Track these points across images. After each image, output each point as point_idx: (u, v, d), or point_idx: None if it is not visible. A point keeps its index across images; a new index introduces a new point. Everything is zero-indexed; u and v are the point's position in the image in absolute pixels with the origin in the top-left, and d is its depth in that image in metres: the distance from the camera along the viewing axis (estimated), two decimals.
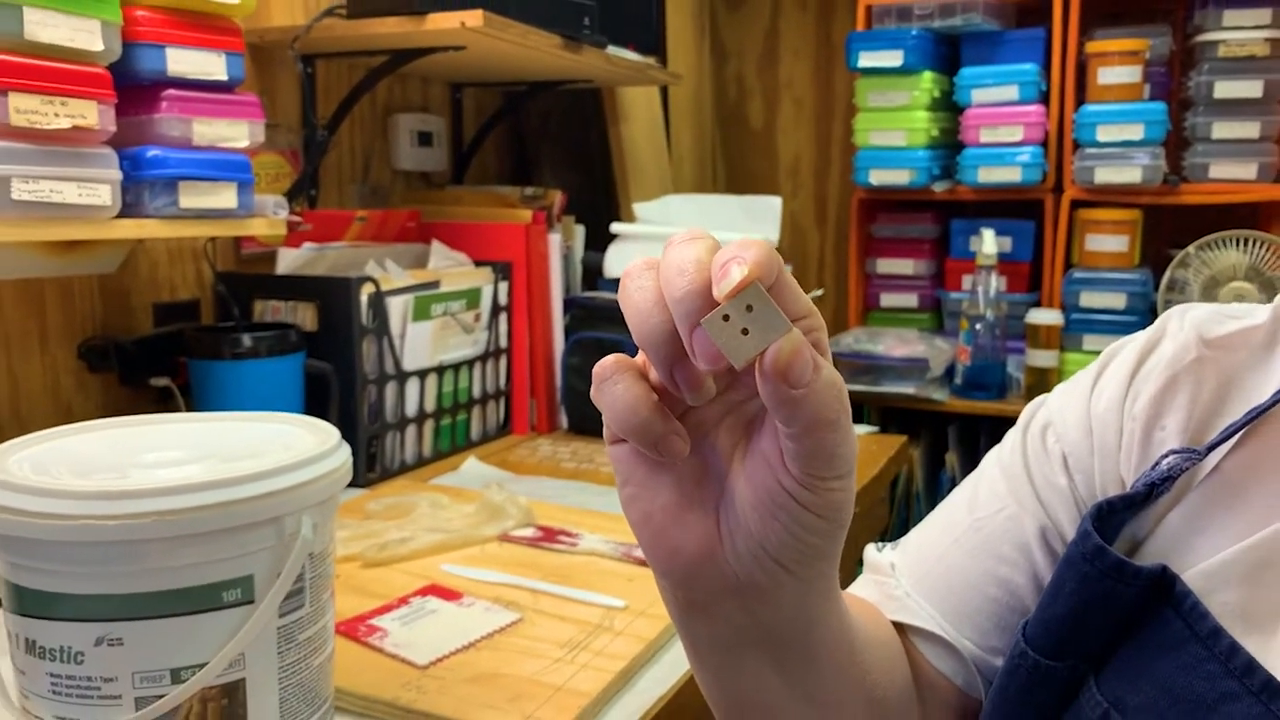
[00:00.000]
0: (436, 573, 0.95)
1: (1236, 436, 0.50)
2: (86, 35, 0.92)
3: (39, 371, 1.15)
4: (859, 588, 0.61)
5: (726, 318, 0.34)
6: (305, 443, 0.66)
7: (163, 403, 1.25)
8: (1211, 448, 0.50)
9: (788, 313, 0.35)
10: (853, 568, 0.62)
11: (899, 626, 0.58)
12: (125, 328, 1.25)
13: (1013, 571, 0.55)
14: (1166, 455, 0.51)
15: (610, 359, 0.38)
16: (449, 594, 0.90)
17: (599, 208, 1.87)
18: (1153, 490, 0.50)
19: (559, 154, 1.98)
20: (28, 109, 0.88)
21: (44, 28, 0.89)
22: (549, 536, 1.04)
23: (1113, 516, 0.49)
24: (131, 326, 1.25)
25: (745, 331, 0.34)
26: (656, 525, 0.41)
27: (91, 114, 0.93)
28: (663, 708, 0.76)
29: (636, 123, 1.90)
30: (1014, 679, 0.49)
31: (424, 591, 0.90)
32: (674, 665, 0.81)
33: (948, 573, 0.57)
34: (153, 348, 1.23)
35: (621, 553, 0.99)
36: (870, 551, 0.63)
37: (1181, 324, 0.55)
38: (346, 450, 0.66)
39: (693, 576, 0.41)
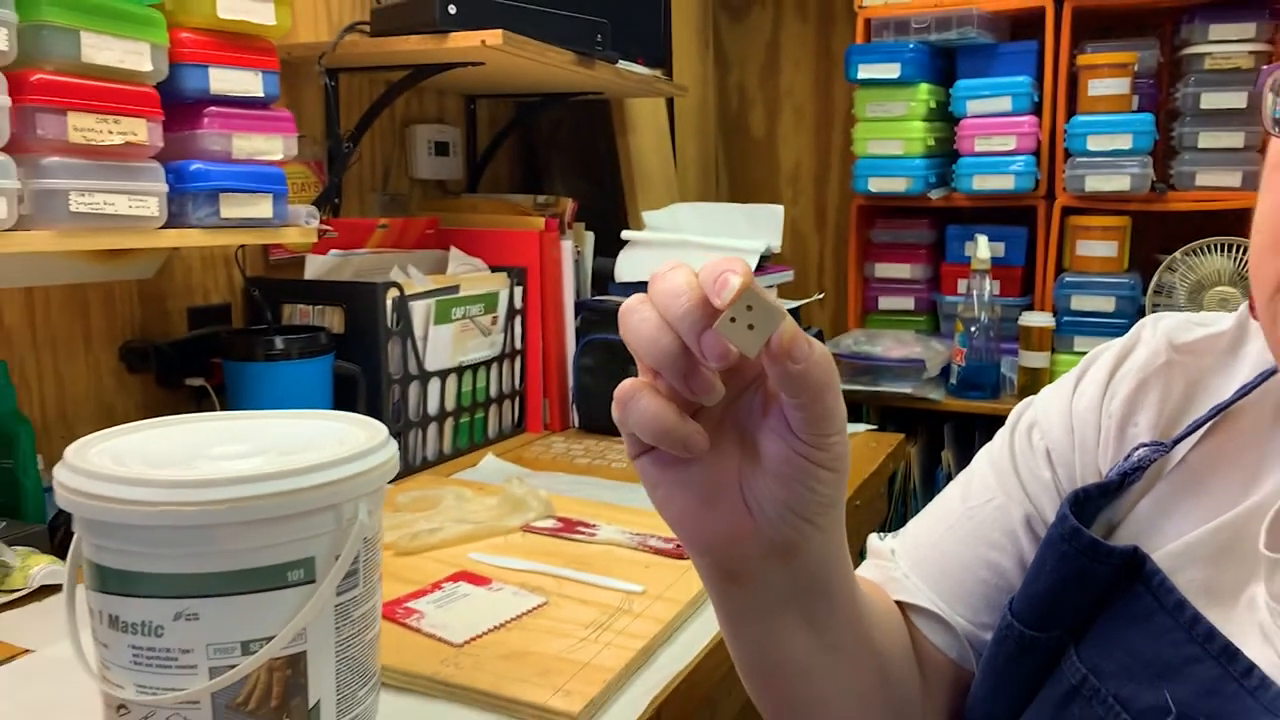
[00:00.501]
0: (465, 560, 1.01)
1: (1201, 431, 0.57)
2: (137, 57, 0.99)
3: (83, 372, 1.22)
4: (863, 571, 0.68)
5: (733, 320, 0.41)
6: (357, 437, 0.72)
7: (197, 402, 1.31)
8: (1178, 441, 0.57)
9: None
10: (855, 559, 0.69)
11: (900, 605, 0.64)
12: (162, 331, 1.31)
13: (1001, 555, 0.62)
14: (1138, 448, 0.58)
15: (628, 382, 0.45)
16: (478, 579, 0.96)
17: (607, 215, 1.93)
18: (1125, 479, 0.57)
19: (568, 163, 2.04)
20: (84, 127, 0.94)
21: (99, 50, 0.95)
22: (568, 527, 1.10)
23: (1089, 503, 0.56)
24: (168, 330, 1.32)
25: (750, 327, 0.41)
26: (692, 518, 0.48)
27: (141, 131, 1.00)
28: (681, 682, 0.82)
29: (644, 133, 1.96)
30: (1002, 649, 0.56)
31: (455, 578, 0.96)
32: (690, 645, 0.88)
33: (942, 557, 0.64)
34: (188, 350, 1.29)
35: (637, 542, 1.06)
36: (873, 540, 0.70)
37: (1154, 331, 0.62)
38: (394, 444, 0.72)
39: (734, 551, 0.48)
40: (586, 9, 1.52)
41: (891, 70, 1.95)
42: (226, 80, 1.09)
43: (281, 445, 0.72)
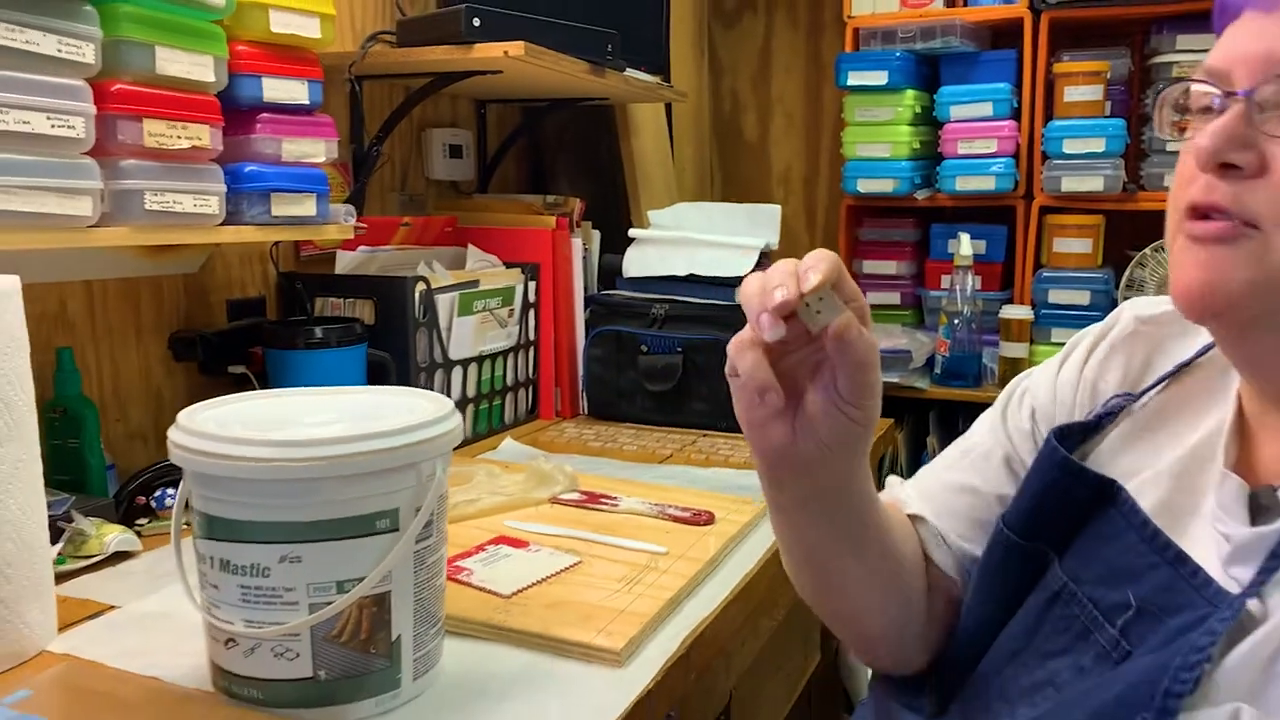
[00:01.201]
0: (502, 528, 1.11)
1: (1165, 383, 0.69)
2: (202, 68, 1.08)
3: (135, 359, 1.30)
4: (882, 496, 0.84)
5: (807, 304, 0.58)
6: (426, 408, 0.82)
7: (239, 389, 1.39)
8: (1144, 392, 0.70)
9: (844, 296, 0.59)
10: None
11: (909, 518, 0.79)
12: (205, 322, 1.40)
13: (981, 483, 0.77)
14: (1113, 398, 0.71)
15: (742, 334, 0.61)
16: (517, 543, 1.06)
17: (609, 214, 2.02)
18: (1100, 421, 0.70)
19: (573, 164, 2.14)
20: (157, 132, 1.04)
21: (171, 63, 1.04)
22: (593, 499, 1.20)
23: (1070, 436, 0.70)
24: (210, 321, 1.41)
25: (819, 312, 0.58)
26: (758, 430, 0.64)
27: (205, 136, 1.09)
28: (706, 628, 0.92)
29: (645, 136, 2.07)
30: (993, 554, 0.69)
31: (495, 541, 1.06)
32: (711, 598, 0.98)
33: (936, 483, 0.79)
34: (230, 340, 1.38)
35: (657, 511, 1.16)
36: (891, 480, 0.85)
37: (1127, 312, 0.75)
38: (459, 415, 0.82)
39: (778, 459, 0.64)
40: (595, 20, 1.62)
41: (879, 77, 2.06)
42: (277, 89, 1.18)
43: (360, 413, 0.82)
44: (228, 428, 0.75)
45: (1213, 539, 0.60)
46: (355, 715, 0.75)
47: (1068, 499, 0.66)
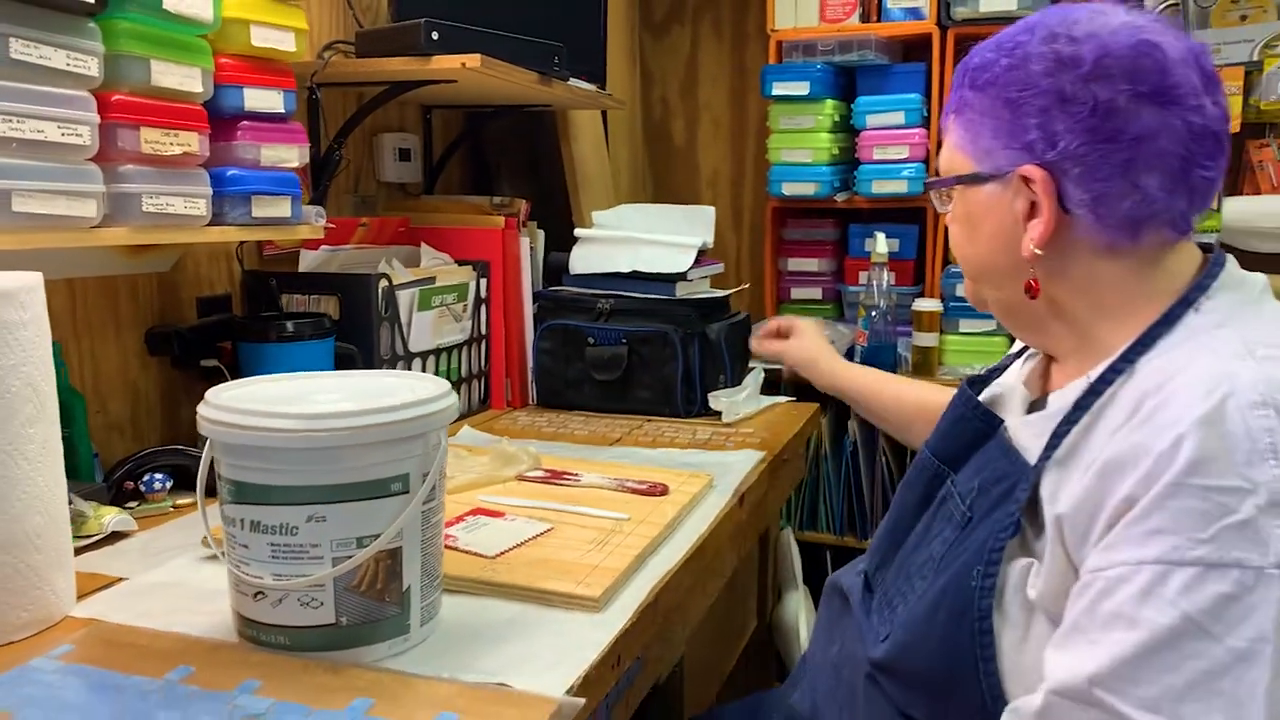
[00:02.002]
0: (476, 501, 1.21)
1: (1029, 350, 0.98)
2: (191, 80, 1.16)
3: (114, 354, 1.37)
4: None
5: None
6: (425, 386, 0.92)
7: (210, 382, 1.47)
8: (1019, 354, 0.98)
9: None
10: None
11: None
12: (177, 318, 1.47)
13: None
14: (1005, 358, 1.00)
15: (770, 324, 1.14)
16: (493, 513, 1.17)
17: (551, 214, 2.13)
18: (991, 375, 0.98)
19: (515, 167, 2.24)
20: (153, 140, 1.12)
21: (164, 75, 1.12)
22: (556, 476, 1.31)
23: (979, 383, 0.96)
24: (181, 317, 1.48)
25: None
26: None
27: (194, 143, 1.17)
28: (670, 578, 1.05)
29: (585, 141, 2.18)
30: (916, 469, 0.94)
31: (473, 513, 1.17)
32: (670, 556, 1.10)
33: None
34: (202, 335, 1.45)
35: (617, 485, 1.28)
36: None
37: None
38: (454, 394, 0.92)
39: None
40: (539, 32, 1.73)
41: (801, 88, 2.22)
42: (257, 98, 1.27)
43: (366, 393, 0.92)
44: (256, 404, 0.85)
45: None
46: (371, 656, 0.85)
47: (968, 429, 0.89)
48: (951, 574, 0.80)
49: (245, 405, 0.83)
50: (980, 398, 0.93)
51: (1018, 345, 1.04)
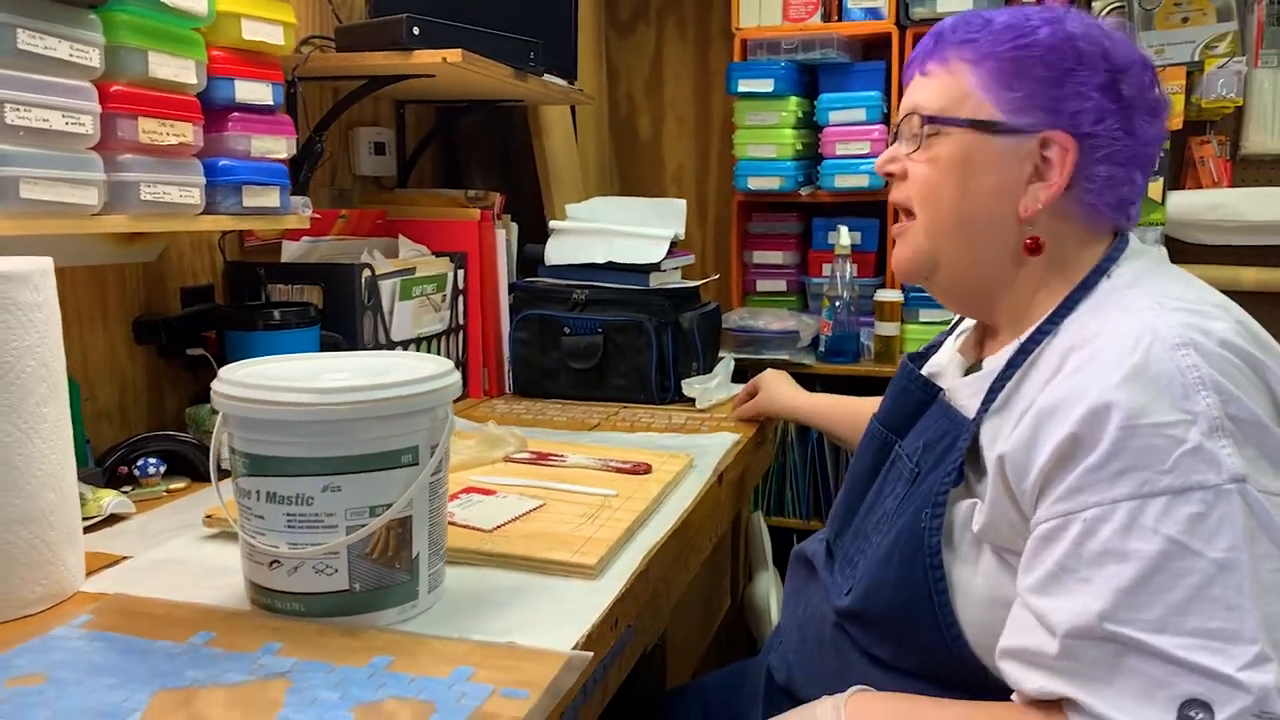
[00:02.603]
0: (467, 481, 1.26)
1: (959, 327, 1.08)
2: (186, 71, 1.19)
3: (102, 342, 1.39)
4: None
5: None
6: (429, 365, 0.96)
7: (195, 371, 1.49)
8: (953, 329, 1.08)
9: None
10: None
11: None
12: (162, 307, 1.49)
13: None
14: (939, 335, 1.09)
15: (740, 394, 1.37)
16: (486, 491, 1.21)
17: (521, 207, 2.17)
18: (929, 351, 1.07)
19: (486, 161, 2.28)
20: (150, 130, 1.14)
21: (161, 67, 1.15)
22: (542, 457, 1.36)
23: (920, 358, 1.05)
24: (166, 306, 1.50)
25: None
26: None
27: (189, 133, 1.20)
28: (659, 550, 1.10)
29: (555, 136, 2.22)
30: (866, 438, 1.03)
31: (466, 491, 1.21)
32: (658, 528, 1.15)
33: None
34: (188, 324, 1.47)
35: (601, 464, 1.33)
36: None
37: None
38: (457, 372, 0.96)
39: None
40: (514, 29, 1.77)
41: (766, 85, 2.28)
42: (247, 90, 1.29)
43: (373, 371, 0.95)
44: (272, 380, 0.88)
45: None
46: (382, 621, 0.89)
47: (910, 399, 0.98)
48: (904, 521, 0.89)
49: (261, 381, 0.86)
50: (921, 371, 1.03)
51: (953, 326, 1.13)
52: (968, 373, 0.97)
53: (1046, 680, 0.73)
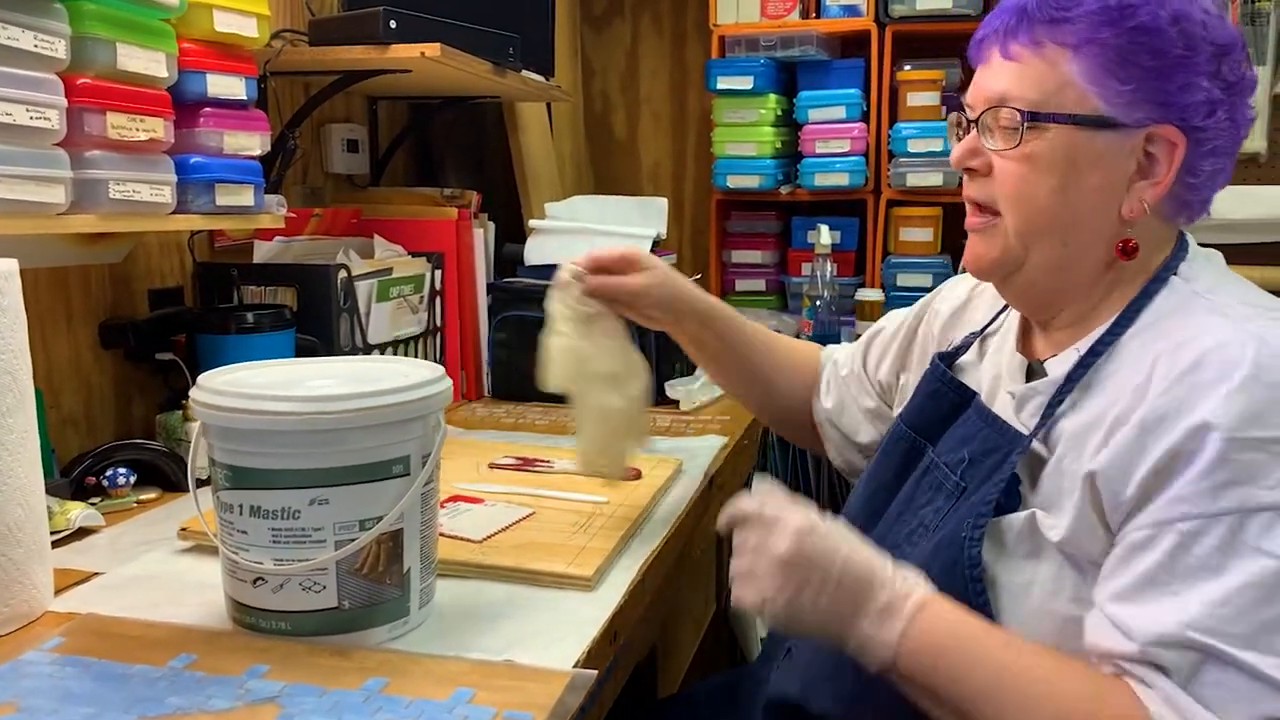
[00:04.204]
0: (453, 490, 1.21)
1: (996, 321, 1.01)
2: (156, 64, 1.14)
3: (66, 347, 1.33)
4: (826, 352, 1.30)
5: None
6: (419, 371, 0.92)
7: (164, 375, 1.44)
8: (984, 328, 1.02)
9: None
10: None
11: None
12: (129, 310, 1.43)
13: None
14: (967, 335, 1.02)
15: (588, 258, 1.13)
16: (473, 499, 1.17)
17: (497, 206, 2.13)
18: (957, 351, 1.01)
19: (460, 159, 2.23)
20: (120, 125, 1.09)
21: (130, 59, 1.10)
22: (528, 463, 1.32)
23: (946, 357, 0.99)
24: (133, 309, 1.44)
25: None
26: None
27: (160, 129, 1.15)
28: (655, 559, 1.07)
29: (532, 133, 2.18)
30: (890, 441, 0.97)
31: (453, 499, 1.17)
32: (651, 536, 1.12)
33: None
34: (157, 327, 1.42)
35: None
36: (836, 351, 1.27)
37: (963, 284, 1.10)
38: (448, 378, 0.92)
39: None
40: (490, 23, 1.73)
41: (745, 82, 2.26)
42: (219, 85, 1.24)
43: (359, 378, 0.91)
44: (254, 389, 0.84)
45: (1006, 400, 0.89)
46: (373, 640, 0.85)
47: (944, 403, 0.95)
48: (944, 534, 0.84)
49: (243, 389, 0.82)
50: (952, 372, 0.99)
51: (964, 323, 1.07)
52: (1029, 376, 0.91)
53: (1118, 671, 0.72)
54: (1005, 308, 1.01)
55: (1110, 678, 0.72)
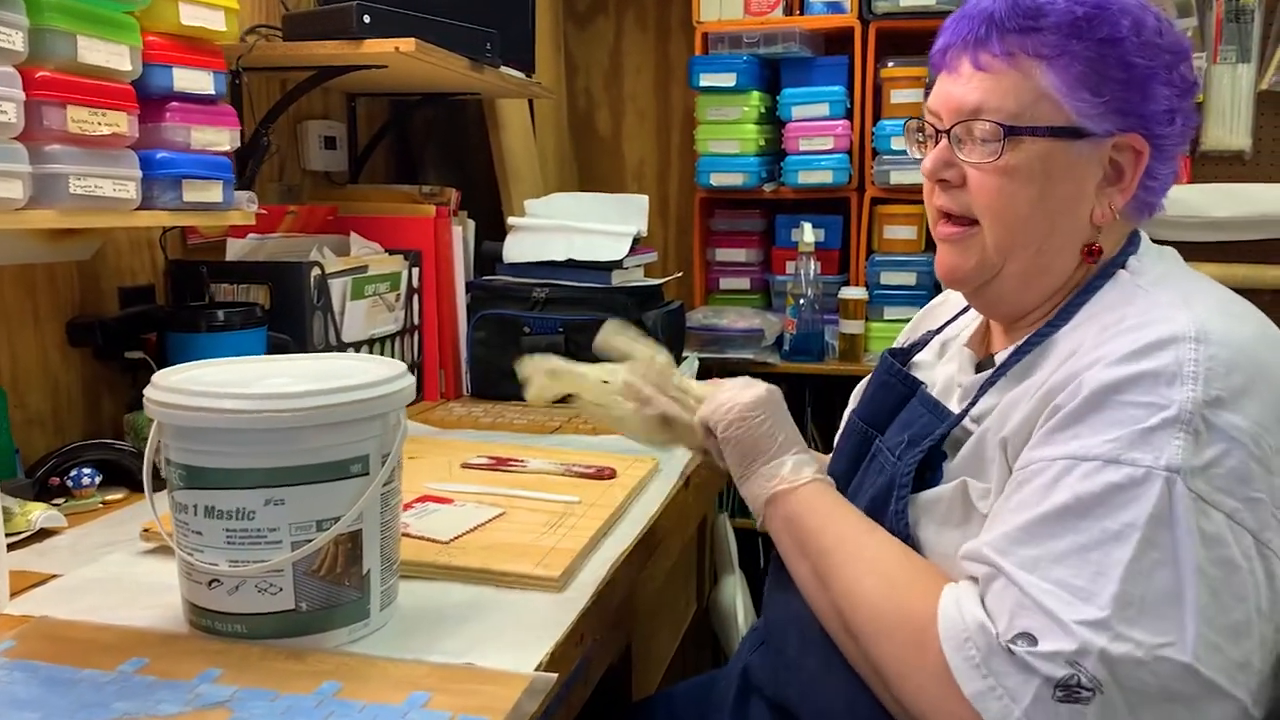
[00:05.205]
0: (423, 489, 1.20)
1: (948, 326, 1.03)
2: (119, 57, 1.12)
3: (32, 345, 1.31)
4: None
5: None
6: (379, 368, 0.90)
7: (134, 375, 1.42)
8: (938, 331, 1.03)
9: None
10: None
11: None
12: (98, 308, 1.41)
13: None
14: (923, 335, 1.04)
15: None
16: (442, 499, 1.15)
17: (478, 203, 2.11)
18: (914, 347, 1.03)
19: (441, 156, 2.21)
20: (80, 119, 1.07)
21: (91, 52, 1.08)
22: (502, 463, 1.30)
23: (899, 354, 1.02)
24: (102, 307, 1.42)
25: None
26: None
27: (123, 123, 1.13)
28: (624, 560, 1.05)
29: (513, 130, 2.17)
30: (845, 434, 1.00)
31: (421, 500, 1.15)
32: (624, 536, 1.11)
33: None
34: (127, 325, 1.40)
35: (564, 469, 1.27)
36: None
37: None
38: (410, 375, 0.90)
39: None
40: (469, 19, 1.71)
41: (728, 79, 2.24)
42: (186, 79, 1.22)
43: (317, 374, 0.89)
44: (209, 386, 0.82)
45: (956, 393, 0.92)
46: (331, 642, 0.83)
47: (891, 393, 0.96)
48: (867, 500, 0.90)
49: (198, 387, 0.80)
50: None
51: (927, 323, 1.10)
52: (979, 368, 0.94)
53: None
54: (966, 309, 1.04)
55: (942, 577, 0.79)
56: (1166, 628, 0.67)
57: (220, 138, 1.28)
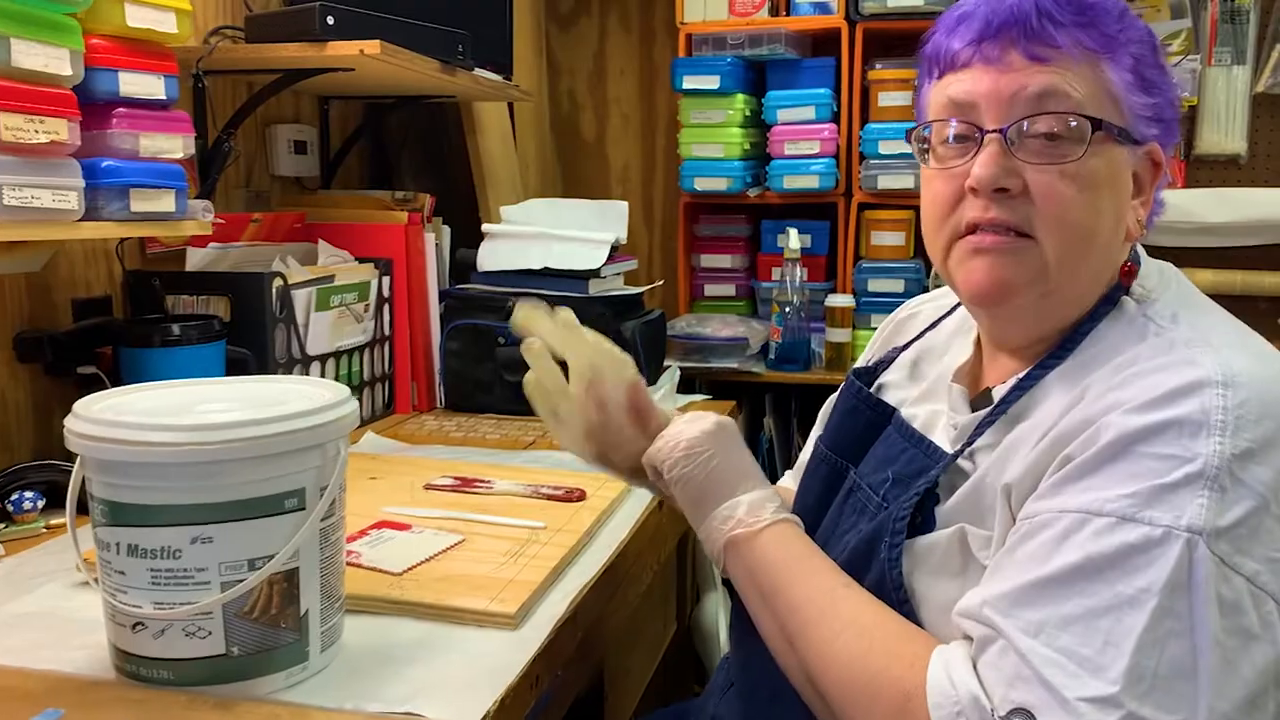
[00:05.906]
0: (379, 513, 1.14)
1: (915, 341, 0.96)
2: (58, 61, 1.06)
3: None
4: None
5: None
6: (322, 393, 0.85)
7: (87, 390, 1.36)
8: (905, 347, 0.96)
9: None
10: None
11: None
12: (49, 321, 1.35)
13: None
14: (889, 351, 0.97)
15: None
16: (399, 526, 1.10)
17: (455, 209, 2.06)
18: (879, 366, 0.97)
19: (417, 161, 2.16)
20: (14, 126, 1.02)
21: (27, 55, 1.03)
22: (467, 483, 1.25)
23: (864, 374, 0.95)
24: (54, 320, 1.36)
25: None
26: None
27: (63, 130, 1.07)
28: (589, 590, 1.00)
29: (491, 134, 2.11)
30: (812, 466, 0.93)
31: (377, 526, 1.10)
32: (590, 565, 1.05)
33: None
34: (79, 339, 1.34)
35: (531, 491, 1.22)
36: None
37: (908, 304, 1.04)
38: (354, 400, 0.85)
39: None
40: (442, 20, 1.66)
41: (712, 82, 2.18)
42: (134, 83, 1.17)
43: (256, 400, 0.84)
44: (132, 416, 0.77)
45: (947, 431, 0.84)
46: (267, 689, 0.78)
47: (860, 420, 0.90)
48: (850, 549, 0.81)
49: (120, 417, 0.75)
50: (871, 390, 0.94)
51: (894, 338, 1.02)
52: (975, 406, 0.84)
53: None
54: (932, 326, 0.96)
55: (926, 639, 0.73)
56: (1178, 705, 0.60)
57: (172, 144, 1.23)
